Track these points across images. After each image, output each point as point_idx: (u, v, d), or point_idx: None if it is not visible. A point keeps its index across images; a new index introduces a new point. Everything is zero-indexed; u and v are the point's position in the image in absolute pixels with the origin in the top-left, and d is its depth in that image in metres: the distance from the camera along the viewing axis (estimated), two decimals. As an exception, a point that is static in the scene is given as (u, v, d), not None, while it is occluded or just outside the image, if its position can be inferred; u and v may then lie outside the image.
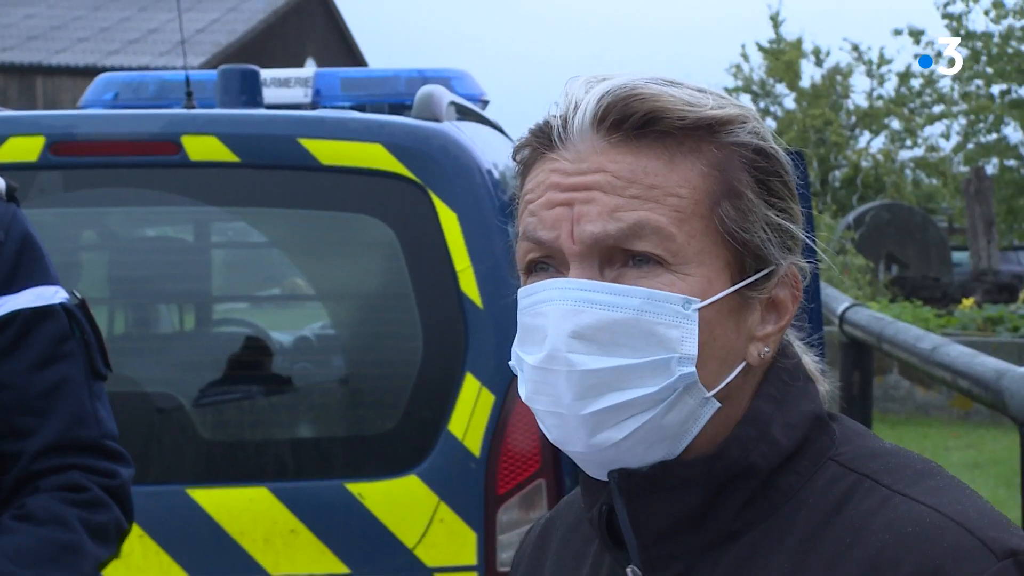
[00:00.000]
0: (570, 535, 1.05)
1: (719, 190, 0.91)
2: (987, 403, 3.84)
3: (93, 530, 1.52)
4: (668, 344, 0.89)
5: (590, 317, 0.89)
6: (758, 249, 0.92)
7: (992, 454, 8.11)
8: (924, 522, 0.88)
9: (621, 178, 0.90)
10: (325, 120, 2.76)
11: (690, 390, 0.90)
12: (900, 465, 0.93)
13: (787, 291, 0.95)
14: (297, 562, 2.59)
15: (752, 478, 0.92)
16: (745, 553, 0.92)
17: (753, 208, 0.92)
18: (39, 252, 1.59)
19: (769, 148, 0.94)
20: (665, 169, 0.90)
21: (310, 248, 2.94)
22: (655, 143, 0.91)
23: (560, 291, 0.90)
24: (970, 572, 0.85)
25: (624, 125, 0.90)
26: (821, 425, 0.95)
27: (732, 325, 0.92)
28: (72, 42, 20.38)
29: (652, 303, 0.89)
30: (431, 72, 3.92)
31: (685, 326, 0.89)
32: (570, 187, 0.91)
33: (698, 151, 0.91)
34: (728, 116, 0.92)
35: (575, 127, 0.91)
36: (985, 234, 14.33)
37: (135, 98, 3.80)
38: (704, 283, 0.90)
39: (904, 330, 4.96)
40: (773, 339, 0.94)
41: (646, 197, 0.90)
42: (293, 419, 2.82)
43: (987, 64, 23.00)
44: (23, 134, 2.69)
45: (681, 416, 0.91)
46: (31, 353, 1.53)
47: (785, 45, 24.47)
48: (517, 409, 2.58)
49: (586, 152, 0.91)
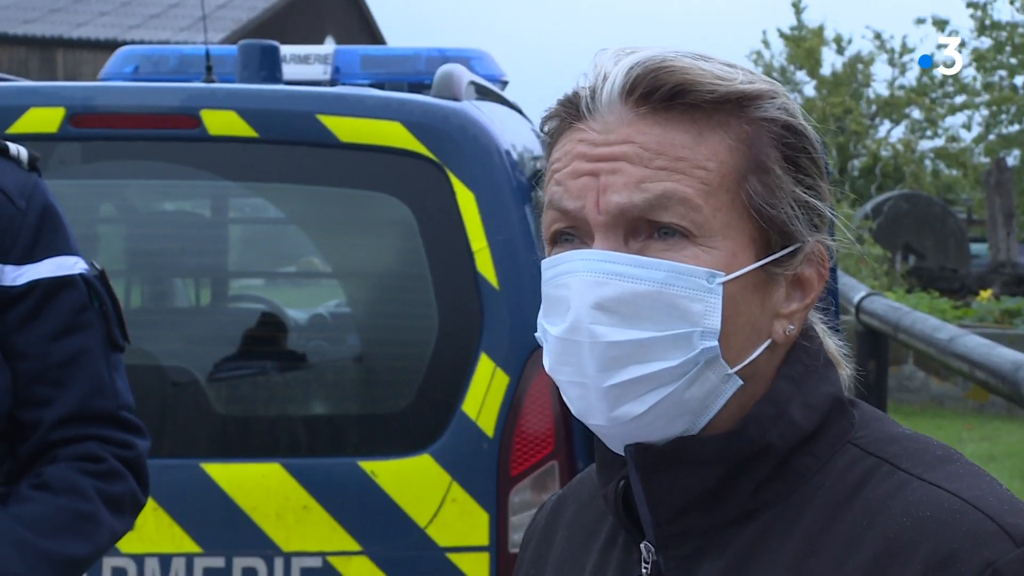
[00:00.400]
0: (582, 512, 1.05)
1: (747, 165, 0.91)
2: (1004, 395, 3.82)
3: (109, 501, 1.53)
4: (691, 318, 0.89)
5: (613, 289, 0.89)
6: (784, 225, 0.92)
7: (1007, 446, 8.08)
8: (942, 506, 0.87)
9: (648, 149, 0.90)
10: (344, 97, 2.75)
11: (712, 365, 0.90)
12: (919, 450, 0.92)
13: (813, 269, 0.94)
14: (309, 538, 2.60)
15: (769, 458, 0.92)
16: (760, 533, 0.91)
17: (780, 184, 0.92)
18: (60, 222, 1.59)
19: (798, 124, 0.94)
20: (693, 142, 0.90)
21: (327, 225, 2.94)
22: (683, 116, 0.90)
23: (584, 262, 0.90)
24: (988, 557, 0.84)
25: (653, 97, 0.90)
26: (840, 408, 0.95)
27: (757, 301, 0.91)
28: (94, 15, 20.41)
29: (676, 276, 0.89)
30: (451, 51, 3.91)
31: (709, 300, 0.89)
32: (597, 157, 0.91)
33: (726, 125, 0.91)
34: (757, 91, 0.92)
35: (603, 98, 0.91)
36: (1004, 226, 14.24)
37: (155, 71, 3.80)
38: (729, 257, 0.90)
39: (921, 320, 4.94)
40: (798, 316, 0.94)
41: (673, 168, 0.89)
42: (307, 396, 2.83)
43: (1011, 55, 22.80)
44: (43, 105, 2.69)
45: (703, 391, 0.90)
46: (50, 323, 1.54)
47: (807, 32, 24.30)
48: (531, 390, 2.58)
49: (614, 123, 0.91)
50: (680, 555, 0.93)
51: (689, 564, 0.93)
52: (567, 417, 2.62)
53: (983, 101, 23.67)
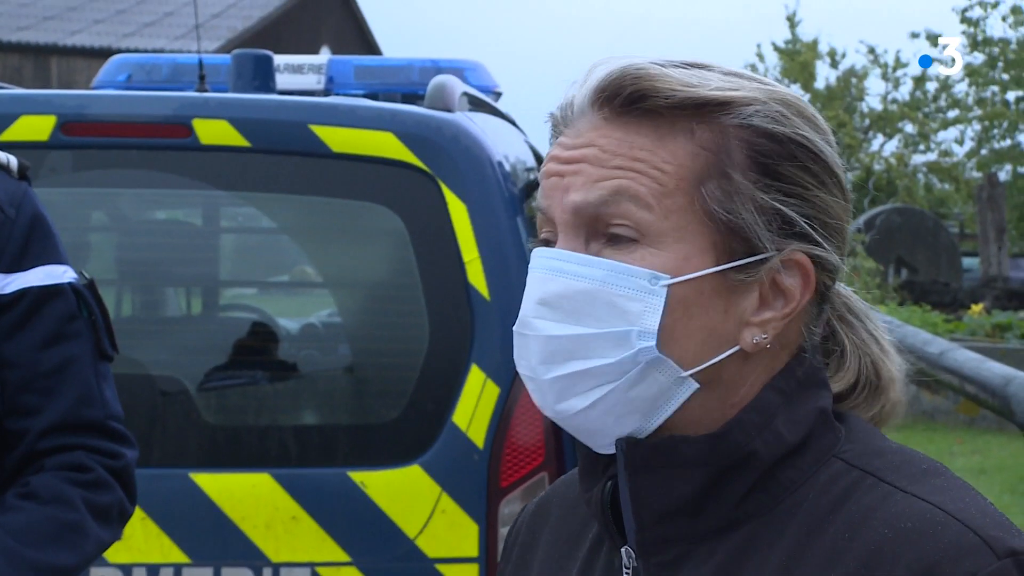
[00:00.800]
0: (567, 516, 1.05)
1: (707, 170, 0.91)
2: (994, 409, 3.83)
3: (96, 510, 1.52)
4: (628, 317, 0.90)
5: (556, 285, 0.92)
6: (743, 232, 0.91)
7: (998, 460, 8.09)
8: (924, 518, 0.87)
9: (608, 151, 0.92)
10: (337, 107, 2.75)
11: (657, 366, 0.90)
12: (904, 463, 0.92)
13: (795, 278, 0.93)
14: (298, 549, 2.59)
15: (753, 467, 0.92)
16: (742, 544, 0.91)
17: (741, 190, 0.91)
18: (49, 231, 1.59)
19: (784, 133, 0.93)
20: (652, 145, 0.92)
21: (318, 235, 2.94)
22: (644, 120, 0.92)
23: (538, 259, 0.94)
24: (968, 569, 0.84)
25: (615, 101, 0.92)
26: (826, 422, 0.94)
27: (719, 307, 0.91)
28: (88, 23, 20.41)
29: (616, 275, 0.90)
30: (445, 62, 3.92)
31: (648, 300, 0.90)
32: (565, 160, 0.94)
33: (689, 131, 0.92)
34: (728, 98, 0.92)
35: (576, 105, 0.95)
36: (996, 240, 14.28)
37: (148, 80, 3.80)
38: (679, 260, 0.90)
39: (912, 334, 4.94)
40: (772, 326, 0.93)
41: (629, 168, 0.91)
42: (297, 406, 2.82)
43: (1003, 70, 22.90)
44: (35, 113, 2.69)
45: (651, 392, 0.91)
46: (38, 331, 1.53)
47: (801, 46, 24.41)
48: (522, 402, 2.57)
49: (583, 128, 0.94)
50: (660, 562, 0.93)
51: (670, 571, 0.93)
52: (557, 428, 2.62)
53: (976, 116, 23.77)
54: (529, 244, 2.71)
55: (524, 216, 2.76)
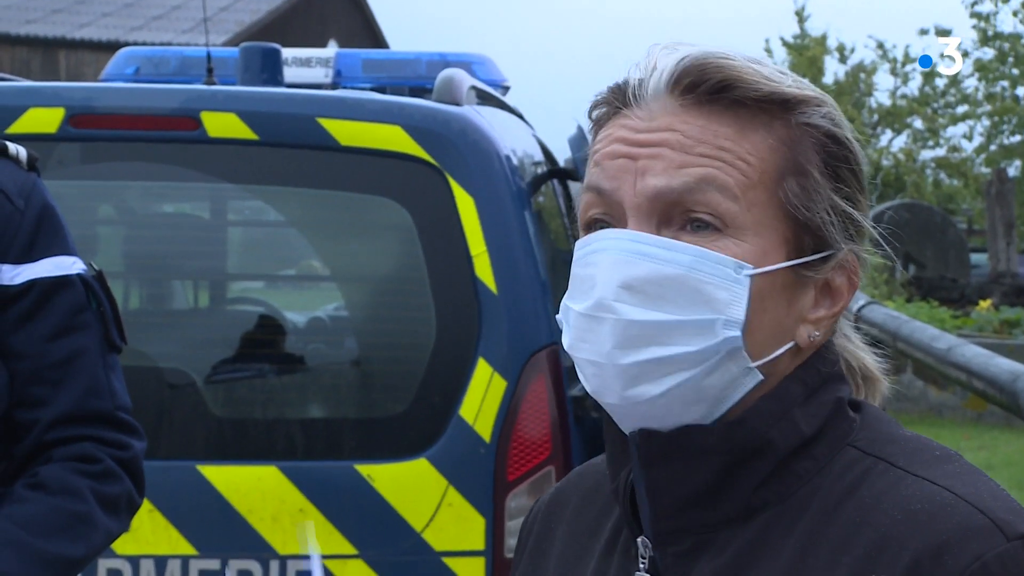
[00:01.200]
0: (585, 506, 1.05)
1: (786, 166, 0.92)
2: (1002, 405, 3.82)
3: (104, 501, 1.53)
4: (715, 305, 0.89)
5: (640, 269, 0.89)
6: (818, 230, 0.92)
7: (1005, 456, 8.08)
8: (934, 500, 0.87)
9: (690, 137, 0.91)
10: (345, 100, 2.76)
11: (733, 356, 0.90)
12: (918, 450, 0.93)
13: (844, 278, 0.95)
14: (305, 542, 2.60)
15: (769, 456, 0.92)
16: (758, 533, 0.91)
17: (818, 188, 0.92)
18: (58, 222, 1.59)
19: (842, 136, 0.95)
20: (735, 135, 0.91)
21: (326, 228, 2.94)
22: (728, 111, 0.91)
23: (614, 241, 0.90)
24: (977, 550, 0.84)
25: (699, 88, 0.91)
26: (841, 411, 0.95)
27: (784, 301, 0.92)
28: (96, 16, 20.43)
29: (704, 262, 0.89)
30: (453, 56, 3.91)
31: (735, 290, 0.89)
32: (638, 142, 0.92)
33: (769, 126, 0.92)
34: (804, 96, 0.93)
35: (650, 87, 0.92)
36: (1005, 236, 14.24)
37: (156, 73, 3.80)
38: (759, 253, 0.90)
39: (920, 329, 4.94)
40: (825, 323, 0.94)
41: (715, 156, 0.90)
42: (305, 399, 2.83)
43: (1013, 65, 22.82)
44: (43, 105, 2.70)
45: (722, 381, 0.90)
46: (47, 323, 1.54)
47: (809, 41, 24.32)
48: (529, 395, 2.58)
49: (658, 111, 0.92)
50: (677, 551, 0.93)
51: (686, 561, 0.93)
52: (564, 422, 2.62)
53: (985, 111, 23.67)
54: (547, 238, 2.71)
55: (532, 210, 2.75)
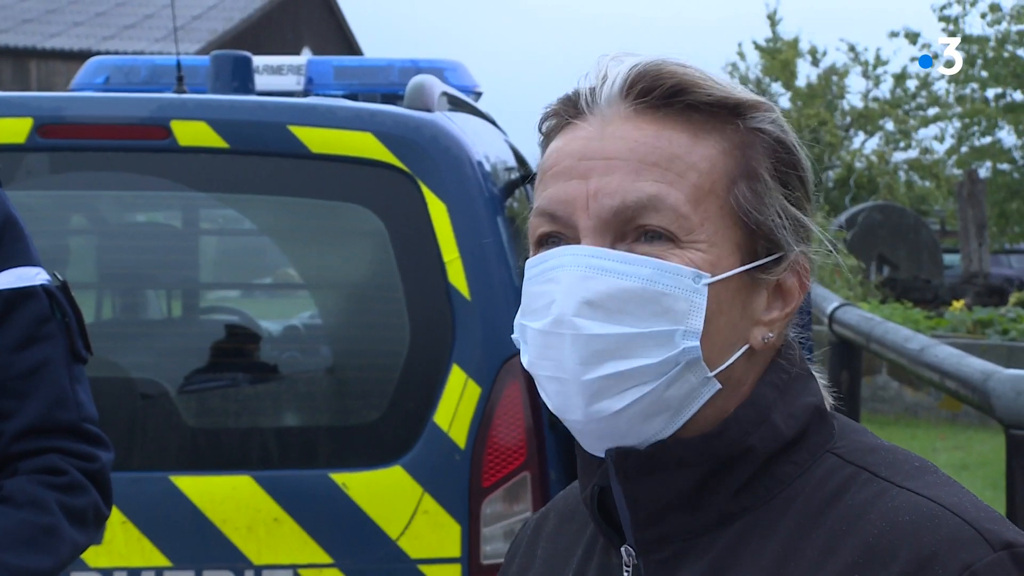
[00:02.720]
0: (563, 524, 1.05)
1: (738, 170, 0.92)
2: (974, 404, 3.84)
3: (71, 513, 1.51)
4: (674, 316, 0.89)
5: (600, 284, 0.89)
6: (771, 232, 0.93)
7: (980, 456, 8.13)
8: (921, 512, 0.88)
9: (643, 145, 0.91)
10: (315, 108, 2.75)
11: (692, 367, 0.90)
12: (898, 461, 0.93)
13: (795, 279, 0.96)
14: (280, 551, 2.58)
15: (749, 462, 0.92)
16: (739, 538, 0.92)
17: (769, 191, 0.93)
18: (21, 233, 1.57)
19: (790, 142, 0.95)
20: (688, 142, 0.91)
21: (298, 236, 2.93)
22: (680, 116, 0.92)
23: (572, 257, 0.90)
24: (965, 561, 0.85)
25: (652, 94, 0.91)
26: (821, 418, 0.96)
27: (738, 306, 0.92)
28: (67, 26, 20.30)
29: (662, 274, 0.89)
30: (425, 62, 3.91)
31: (693, 300, 0.89)
32: (589, 155, 0.92)
33: (721, 130, 0.92)
34: (754, 102, 0.94)
35: (603, 95, 0.92)
36: (977, 237, 14.36)
37: (126, 82, 3.78)
38: (714, 260, 0.91)
39: (893, 330, 4.97)
40: (778, 325, 0.95)
41: (667, 168, 0.90)
42: (278, 408, 2.81)
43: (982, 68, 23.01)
44: (11, 115, 2.67)
45: (682, 392, 0.91)
46: (11, 334, 1.52)
47: (782, 44, 24.46)
48: (503, 402, 2.57)
49: (611, 117, 0.92)
50: (660, 559, 0.94)
51: (669, 568, 0.93)
52: (539, 428, 2.62)
53: (955, 113, 23.86)
54: (520, 244, 2.71)
55: (504, 216, 2.75)
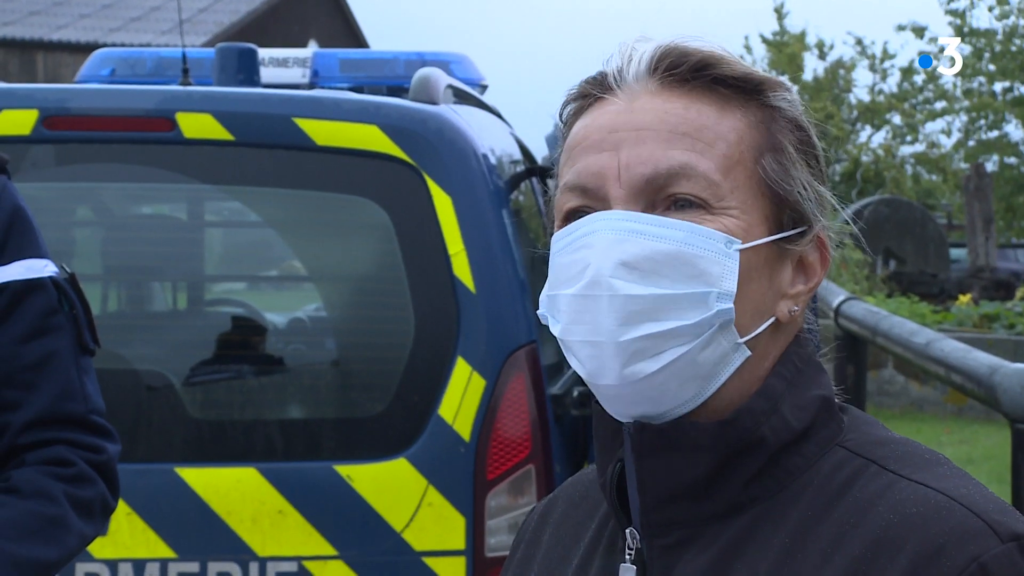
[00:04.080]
0: (571, 511, 1.06)
1: (764, 143, 0.95)
2: (980, 398, 3.84)
3: (78, 505, 1.52)
4: (708, 279, 0.91)
5: (635, 247, 0.90)
6: (796, 204, 0.95)
7: (985, 450, 8.13)
8: (929, 503, 0.88)
9: (673, 117, 0.93)
10: (321, 100, 2.75)
11: (725, 330, 0.91)
12: (908, 453, 0.94)
13: (817, 254, 0.97)
14: (284, 543, 2.59)
15: (760, 452, 0.93)
16: (746, 528, 0.92)
17: (794, 164, 0.95)
18: (29, 225, 1.58)
19: (805, 124, 0.98)
20: (715, 114, 0.94)
21: (303, 229, 2.93)
22: (707, 90, 0.94)
23: (606, 222, 0.92)
24: (973, 552, 0.85)
25: (679, 69, 0.94)
26: (830, 411, 0.96)
27: (767, 275, 0.94)
28: (74, 18, 20.31)
29: (696, 237, 0.91)
30: (430, 55, 3.91)
31: (726, 264, 0.91)
32: (620, 126, 0.94)
33: (745, 105, 0.95)
34: (776, 81, 0.97)
35: (631, 72, 0.95)
36: (984, 231, 14.32)
37: (132, 74, 3.78)
38: (746, 227, 0.93)
39: (899, 324, 4.96)
40: (802, 299, 0.96)
41: (696, 138, 0.92)
42: (283, 400, 2.82)
43: (989, 61, 22.94)
44: (17, 107, 2.68)
45: (715, 356, 0.92)
46: (19, 325, 1.53)
47: (789, 38, 24.39)
48: (508, 394, 2.57)
49: (640, 92, 0.94)
50: (664, 544, 0.94)
51: (672, 554, 0.93)
52: (544, 421, 2.62)
53: (963, 107, 23.80)
54: (526, 237, 2.71)
55: (510, 208, 2.75)
